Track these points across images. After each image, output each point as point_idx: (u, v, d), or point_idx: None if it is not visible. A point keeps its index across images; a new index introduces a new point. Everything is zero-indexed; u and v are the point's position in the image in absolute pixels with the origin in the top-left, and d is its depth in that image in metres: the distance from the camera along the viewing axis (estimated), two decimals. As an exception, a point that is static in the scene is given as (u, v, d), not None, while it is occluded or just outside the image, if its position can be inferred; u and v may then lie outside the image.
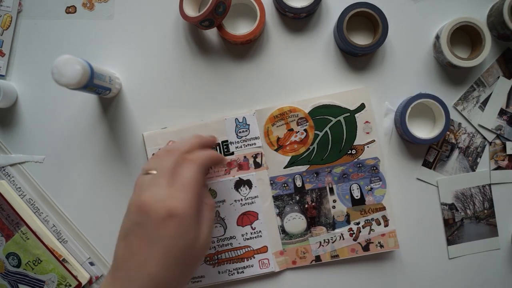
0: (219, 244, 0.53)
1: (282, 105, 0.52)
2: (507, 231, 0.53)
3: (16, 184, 0.54)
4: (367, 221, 0.52)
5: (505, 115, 0.52)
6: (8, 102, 0.53)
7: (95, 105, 0.54)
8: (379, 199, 0.52)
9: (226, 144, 0.52)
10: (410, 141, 0.50)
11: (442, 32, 0.49)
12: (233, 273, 0.53)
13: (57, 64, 0.41)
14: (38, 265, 0.53)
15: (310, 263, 0.52)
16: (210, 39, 0.54)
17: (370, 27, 0.52)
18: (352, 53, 0.51)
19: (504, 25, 0.48)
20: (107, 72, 0.49)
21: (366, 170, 0.52)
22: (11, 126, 0.55)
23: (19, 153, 0.55)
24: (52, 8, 0.54)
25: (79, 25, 0.54)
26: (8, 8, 0.54)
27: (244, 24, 0.53)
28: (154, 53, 0.54)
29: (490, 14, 0.51)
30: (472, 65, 0.49)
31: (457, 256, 0.53)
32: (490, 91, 0.52)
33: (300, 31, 0.53)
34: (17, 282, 0.54)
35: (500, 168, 0.53)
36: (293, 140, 0.52)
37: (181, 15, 0.50)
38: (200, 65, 0.54)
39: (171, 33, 0.54)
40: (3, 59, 0.54)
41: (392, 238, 0.51)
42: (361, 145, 0.52)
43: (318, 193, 0.52)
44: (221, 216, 0.53)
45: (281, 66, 0.53)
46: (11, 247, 0.53)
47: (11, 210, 0.53)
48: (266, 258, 0.52)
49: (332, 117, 0.52)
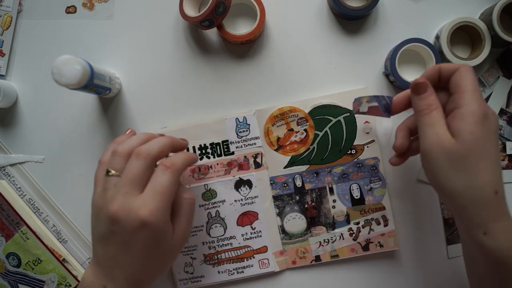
0: (219, 244, 0.53)
1: (282, 105, 0.52)
2: (507, 231, 0.53)
3: (16, 184, 0.54)
4: (367, 221, 0.52)
5: (505, 115, 0.52)
6: (8, 102, 0.53)
7: (95, 105, 0.54)
8: (378, 198, 0.52)
9: (226, 144, 0.52)
10: (403, 88, 0.50)
11: (442, 32, 0.49)
12: (233, 273, 0.53)
13: (57, 64, 0.41)
14: (38, 265, 0.53)
15: (310, 263, 0.52)
16: (210, 39, 0.54)
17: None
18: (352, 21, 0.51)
19: (493, 31, 0.48)
20: (107, 72, 0.49)
21: (366, 170, 0.52)
22: (11, 126, 0.55)
23: (19, 153, 0.55)
24: (52, 8, 0.54)
25: (79, 25, 0.54)
26: (8, 8, 0.54)
27: (244, 24, 0.53)
28: (154, 53, 0.54)
29: (481, 20, 0.51)
30: (472, 65, 0.49)
31: (456, 256, 0.53)
32: (490, 91, 0.52)
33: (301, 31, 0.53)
34: (17, 282, 0.54)
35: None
36: (293, 140, 0.52)
37: (181, 15, 0.50)
38: (200, 65, 0.54)
39: (171, 33, 0.54)
40: (3, 59, 0.54)
41: (392, 238, 0.51)
42: (361, 145, 0.52)
43: (318, 193, 0.52)
44: (221, 216, 0.53)
45: (281, 66, 0.53)
46: (11, 247, 0.53)
47: (11, 210, 0.53)
48: (266, 258, 0.52)
49: (332, 117, 0.52)
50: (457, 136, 0.38)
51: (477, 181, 0.37)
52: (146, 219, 0.38)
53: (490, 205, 0.37)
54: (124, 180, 0.39)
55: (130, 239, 0.39)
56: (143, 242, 0.39)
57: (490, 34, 0.49)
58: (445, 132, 0.38)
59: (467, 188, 0.37)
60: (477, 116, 0.37)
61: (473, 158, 0.37)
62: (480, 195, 0.37)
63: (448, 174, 0.38)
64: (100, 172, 0.43)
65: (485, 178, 0.37)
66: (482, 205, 0.37)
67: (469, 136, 0.37)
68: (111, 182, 0.40)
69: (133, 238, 0.38)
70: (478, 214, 0.37)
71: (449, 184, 0.38)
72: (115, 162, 0.41)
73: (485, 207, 0.37)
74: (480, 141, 0.37)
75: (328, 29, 0.53)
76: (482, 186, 0.37)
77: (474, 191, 0.37)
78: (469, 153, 0.37)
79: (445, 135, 0.38)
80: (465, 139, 0.37)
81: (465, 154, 0.37)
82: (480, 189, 0.37)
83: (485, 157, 0.37)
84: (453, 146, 0.38)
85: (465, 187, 0.37)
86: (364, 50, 0.53)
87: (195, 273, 0.53)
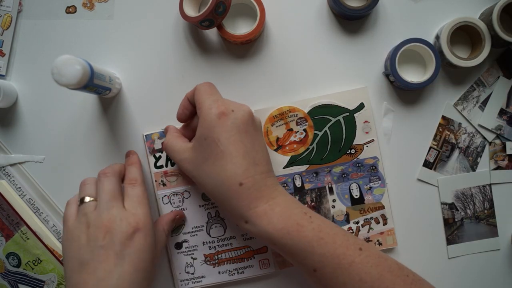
0: (219, 244, 0.53)
1: (281, 105, 0.52)
2: (507, 231, 0.53)
3: (16, 184, 0.54)
4: (366, 220, 0.52)
5: (505, 115, 0.52)
6: (8, 102, 0.53)
7: (95, 105, 0.54)
8: (378, 198, 0.52)
9: (226, 144, 0.52)
10: (403, 87, 0.50)
11: (442, 32, 0.49)
12: (233, 273, 0.53)
13: (57, 64, 0.41)
14: (38, 265, 0.53)
15: (310, 263, 0.52)
16: (210, 39, 0.54)
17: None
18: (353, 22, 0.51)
19: (493, 31, 0.48)
20: (107, 72, 0.49)
21: (365, 169, 0.52)
22: (11, 126, 0.55)
23: (19, 153, 0.55)
24: (52, 8, 0.54)
25: (79, 25, 0.54)
26: (8, 8, 0.54)
27: (244, 24, 0.53)
28: (154, 53, 0.54)
29: (481, 20, 0.51)
30: (472, 65, 0.49)
31: (456, 256, 0.53)
32: (490, 91, 0.52)
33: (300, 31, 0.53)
34: (17, 282, 0.54)
35: (500, 168, 0.53)
36: (293, 140, 0.52)
37: (181, 15, 0.50)
38: (200, 65, 0.54)
39: (171, 33, 0.54)
40: (3, 59, 0.54)
41: (391, 236, 0.51)
42: (360, 145, 0.52)
43: (318, 192, 0.52)
44: (220, 216, 0.53)
45: (281, 66, 0.53)
46: (11, 247, 0.53)
47: (11, 210, 0.53)
48: (266, 258, 0.52)
49: (332, 117, 0.52)
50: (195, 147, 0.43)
51: (219, 178, 0.41)
52: (138, 225, 0.41)
53: (240, 196, 0.40)
54: (104, 197, 0.43)
55: (123, 248, 0.40)
56: (136, 250, 0.40)
57: (490, 34, 0.49)
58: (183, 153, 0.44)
59: (215, 186, 0.41)
60: (207, 119, 0.41)
61: (212, 159, 0.41)
62: (227, 189, 0.41)
63: (201, 178, 0.43)
64: (69, 209, 0.45)
65: (226, 174, 0.40)
66: (233, 198, 0.41)
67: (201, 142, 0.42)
68: (89, 207, 0.43)
69: (126, 247, 0.40)
70: (233, 206, 0.41)
71: (203, 186, 0.43)
72: (86, 190, 0.45)
73: (236, 199, 0.41)
74: (212, 143, 0.41)
75: (328, 29, 0.53)
76: (224, 182, 0.41)
77: (221, 187, 0.41)
78: (205, 155, 0.42)
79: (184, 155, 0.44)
80: (196, 145, 0.43)
81: (202, 157, 0.42)
82: (225, 184, 0.41)
83: (225, 153, 0.40)
84: (194, 159, 0.43)
85: (214, 185, 0.42)
86: (364, 50, 0.53)
87: (196, 274, 0.53)
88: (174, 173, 0.52)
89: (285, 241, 0.40)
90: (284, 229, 0.40)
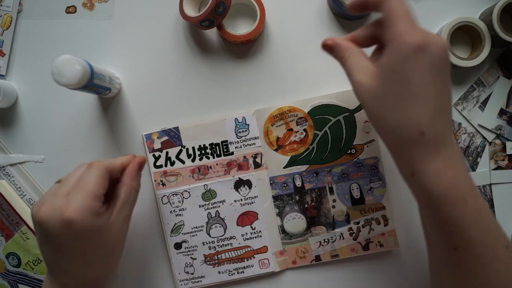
0: (219, 244, 0.53)
1: (281, 105, 0.52)
2: (507, 231, 0.53)
3: (16, 184, 0.54)
4: (367, 221, 0.52)
5: (505, 115, 0.52)
6: (8, 102, 0.53)
7: (95, 105, 0.54)
8: (378, 198, 0.52)
9: (225, 144, 0.52)
10: None
11: (442, 32, 0.49)
12: (233, 273, 0.53)
13: (57, 64, 0.41)
14: (38, 265, 0.53)
15: (310, 263, 0.52)
16: (210, 39, 0.54)
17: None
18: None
19: (493, 31, 0.48)
20: (107, 72, 0.49)
21: (366, 169, 0.52)
22: (11, 126, 0.55)
23: (19, 153, 0.55)
24: (52, 8, 0.54)
25: (79, 25, 0.54)
26: (8, 8, 0.54)
27: (244, 24, 0.53)
28: (154, 53, 0.54)
29: (481, 20, 0.51)
30: (472, 65, 0.49)
31: (457, 256, 0.53)
32: (490, 91, 0.52)
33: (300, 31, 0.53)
34: (17, 282, 0.54)
35: (500, 168, 0.53)
36: (293, 140, 0.52)
37: (181, 15, 0.50)
38: (200, 65, 0.54)
39: (171, 33, 0.54)
40: (3, 59, 0.54)
41: (392, 237, 0.51)
42: (360, 145, 0.52)
43: (318, 192, 0.52)
44: (221, 216, 0.53)
45: (281, 66, 0.53)
46: (11, 247, 0.53)
47: (11, 210, 0.53)
48: (266, 258, 0.52)
49: (332, 117, 0.52)
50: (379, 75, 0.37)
51: (400, 119, 0.35)
52: (71, 217, 0.37)
53: (416, 146, 0.35)
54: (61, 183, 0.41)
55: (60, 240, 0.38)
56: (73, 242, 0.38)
57: (490, 34, 0.49)
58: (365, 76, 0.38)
59: (393, 126, 0.36)
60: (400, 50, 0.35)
61: (396, 97, 0.35)
62: (405, 135, 0.35)
63: (379, 111, 0.37)
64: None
65: (410, 117, 0.35)
66: (407, 145, 0.36)
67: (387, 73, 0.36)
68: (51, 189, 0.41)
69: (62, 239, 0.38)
70: (405, 153, 0.36)
71: (377, 124, 0.38)
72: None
73: (411, 149, 0.36)
74: (401, 79, 0.35)
75: (328, 29, 0.53)
76: (404, 126, 0.35)
77: (399, 129, 0.36)
78: (391, 92, 0.36)
79: (365, 78, 0.37)
80: (381, 75, 0.36)
81: (387, 93, 0.36)
82: (404, 129, 0.35)
83: (413, 95, 0.35)
84: (375, 88, 0.37)
85: (392, 125, 0.36)
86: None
87: (195, 274, 0.53)
88: (174, 173, 0.52)
89: (443, 208, 0.36)
90: (449, 197, 0.35)
